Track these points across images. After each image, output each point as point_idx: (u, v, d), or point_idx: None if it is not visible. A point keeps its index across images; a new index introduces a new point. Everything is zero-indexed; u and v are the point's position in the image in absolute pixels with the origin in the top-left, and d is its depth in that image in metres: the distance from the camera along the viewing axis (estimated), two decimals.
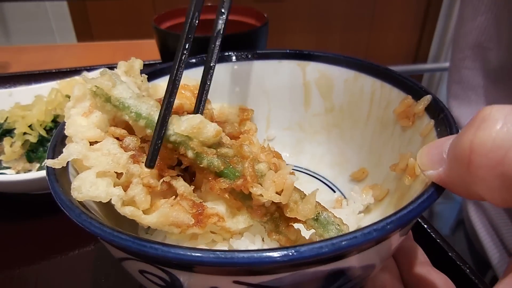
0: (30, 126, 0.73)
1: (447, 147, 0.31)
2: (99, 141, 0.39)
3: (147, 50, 1.26)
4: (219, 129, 0.38)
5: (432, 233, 0.57)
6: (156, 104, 0.41)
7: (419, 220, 0.58)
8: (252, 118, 0.60)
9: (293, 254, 0.26)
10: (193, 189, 0.39)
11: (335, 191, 0.60)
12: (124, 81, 0.43)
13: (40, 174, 0.60)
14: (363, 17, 2.65)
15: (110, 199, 0.35)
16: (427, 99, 0.45)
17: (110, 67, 0.45)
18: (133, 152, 0.39)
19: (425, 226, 0.58)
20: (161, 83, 0.54)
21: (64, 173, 0.38)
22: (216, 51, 0.49)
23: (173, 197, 0.38)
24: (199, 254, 0.27)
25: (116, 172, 0.37)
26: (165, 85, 0.50)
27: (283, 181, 0.36)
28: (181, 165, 0.41)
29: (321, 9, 2.54)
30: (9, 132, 0.74)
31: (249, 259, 0.26)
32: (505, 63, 0.81)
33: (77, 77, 0.84)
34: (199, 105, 0.46)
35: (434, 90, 2.82)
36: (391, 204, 0.49)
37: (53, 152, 0.39)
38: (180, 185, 0.38)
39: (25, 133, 0.72)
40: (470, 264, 0.52)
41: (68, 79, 0.83)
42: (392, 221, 0.29)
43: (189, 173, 0.43)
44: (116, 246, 0.31)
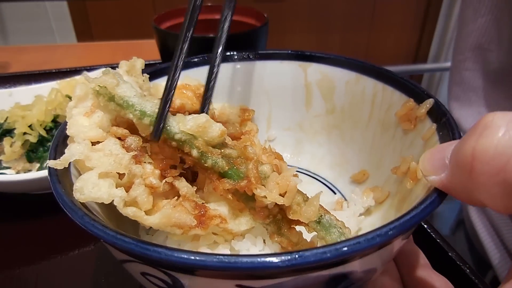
0: (30, 126, 0.73)
1: (449, 153, 0.31)
2: (101, 141, 0.39)
3: (147, 50, 1.26)
4: (224, 129, 0.38)
5: (432, 233, 0.57)
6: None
7: None
8: (253, 119, 0.60)
9: (296, 259, 0.26)
10: (195, 189, 0.39)
11: (335, 193, 0.60)
12: (126, 80, 0.43)
13: (40, 174, 0.60)
14: (363, 17, 2.65)
15: (112, 200, 0.35)
16: (429, 103, 0.44)
17: (110, 67, 0.44)
18: (135, 152, 0.38)
19: (425, 226, 0.58)
20: (162, 83, 0.54)
21: (66, 173, 0.38)
22: (221, 50, 0.49)
23: (175, 198, 0.38)
24: (202, 258, 0.27)
25: (118, 173, 0.37)
26: None
27: (286, 183, 0.36)
28: (184, 164, 0.41)
29: (321, 9, 2.54)
30: (9, 132, 0.74)
31: (253, 264, 0.26)
32: (505, 64, 0.81)
33: (77, 77, 0.84)
34: (204, 104, 0.46)
35: (434, 90, 2.82)
36: (392, 207, 0.49)
37: (55, 152, 0.39)
38: (183, 186, 0.38)
39: (25, 133, 0.72)
40: (470, 264, 0.52)
41: (68, 79, 0.83)
42: (395, 226, 0.29)
43: (191, 171, 0.43)
44: (118, 249, 0.31)
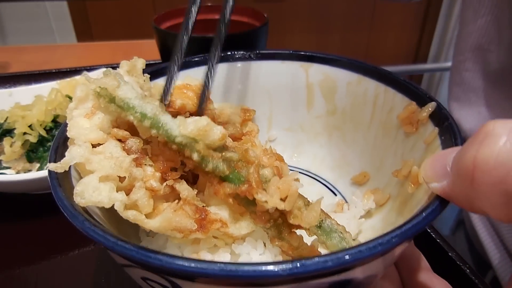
0: (30, 126, 0.73)
1: (450, 160, 0.31)
2: (101, 143, 0.39)
3: (147, 50, 1.26)
4: (224, 133, 0.38)
5: (432, 233, 0.57)
6: (161, 105, 0.40)
7: None
8: (254, 119, 0.60)
9: (297, 268, 0.26)
10: (196, 192, 0.39)
11: (336, 194, 0.60)
12: (127, 80, 0.42)
13: (40, 174, 0.60)
14: (363, 17, 2.65)
15: (113, 204, 0.35)
16: (431, 106, 0.44)
17: (110, 67, 0.44)
18: (136, 155, 0.38)
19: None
20: (162, 83, 0.54)
21: (66, 176, 0.37)
22: (218, 49, 0.49)
23: (176, 201, 0.38)
24: (203, 266, 0.26)
25: (119, 176, 0.37)
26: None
27: (288, 187, 0.36)
28: (184, 166, 0.41)
29: (321, 9, 2.53)
30: (9, 132, 0.74)
31: (254, 273, 0.26)
32: (505, 65, 0.81)
33: (77, 77, 0.84)
34: (201, 102, 0.46)
35: (434, 90, 2.82)
36: (393, 210, 0.49)
37: (55, 154, 0.39)
38: (184, 189, 0.38)
39: (25, 133, 0.72)
40: (470, 264, 0.52)
41: (68, 79, 0.83)
42: (397, 235, 0.29)
43: (192, 173, 0.43)
44: (120, 255, 0.30)
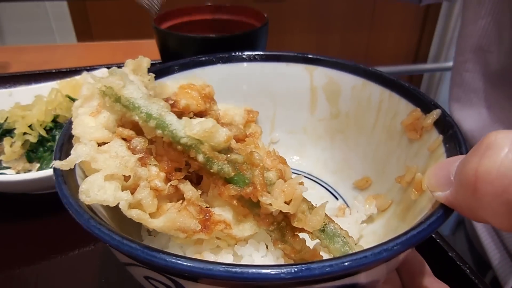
0: (30, 126, 0.73)
1: (454, 169, 0.31)
2: (107, 142, 0.39)
3: (147, 50, 1.26)
4: (230, 135, 0.38)
5: (432, 234, 0.57)
6: (166, 105, 0.40)
7: None
8: (257, 120, 0.60)
9: (302, 271, 0.27)
10: (200, 193, 0.39)
11: (337, 198, 0.59)
12: (132, 80, 0.42)
13: (40, 174, 0.60)
14: (363, 17, 2.65)
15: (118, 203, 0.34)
16: (436, 113, 0.44)
17: (110, 67, 0.44)
18: (141, 154, 0.38)
19: None
20: (167, 82, 0.54)
21: (71, 174, 0.37)
22: None
23: (180, 201, 0.38)
24: (208, 267, 0.27)
25: (124, 175, 0.37)
26: (172, 83, 0.49)
27: (292, 191, 0.36)
28: (189, 166, 0.41)
29: (321, 9, 2.53)
30: (9, 132, 0.74)
31: (259, 275, 0.26)
32: (506, 66, 0.81)
33: (77, 77, 0.84)
34: None
35: (434, 90, 2.82)
36: (395, 216, 0.48)
37: (60, 152, 0.39)
38: (188, 189, 0.38)
39: (25, 133, 0.72)
40: (470, 264, 0.52)
41: (68, 79, 0.83)
42: (402, 241, 0.29)
43: (196, 174, 0.42)
44: (124, 254, 0.30)
